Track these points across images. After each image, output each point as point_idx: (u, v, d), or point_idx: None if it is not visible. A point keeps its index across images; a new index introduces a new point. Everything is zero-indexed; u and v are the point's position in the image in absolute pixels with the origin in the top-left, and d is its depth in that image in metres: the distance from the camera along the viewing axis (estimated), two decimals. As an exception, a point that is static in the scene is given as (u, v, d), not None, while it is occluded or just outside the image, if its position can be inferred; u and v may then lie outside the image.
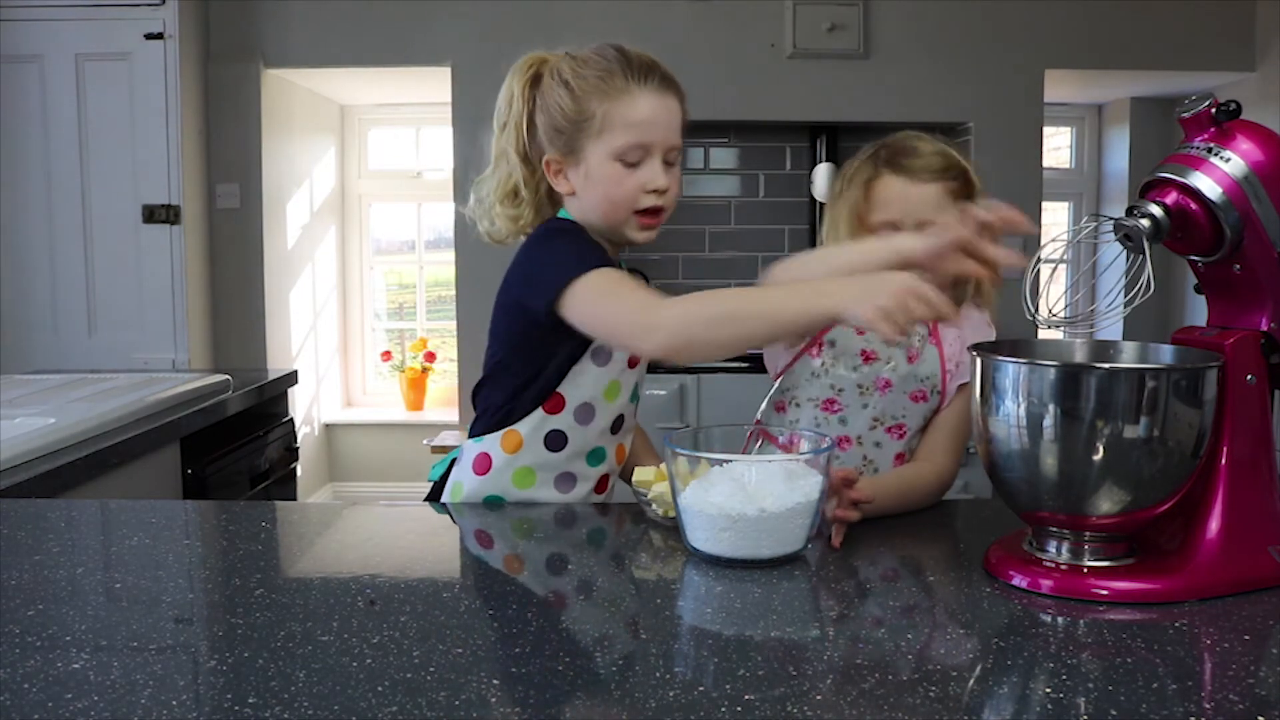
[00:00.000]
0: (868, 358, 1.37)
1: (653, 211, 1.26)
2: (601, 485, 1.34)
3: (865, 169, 1.39)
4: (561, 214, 1.31)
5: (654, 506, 1.16)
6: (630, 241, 1.29)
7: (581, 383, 1.27)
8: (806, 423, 1.38)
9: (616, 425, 1.32)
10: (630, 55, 1.25)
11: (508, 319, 1.28)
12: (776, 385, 1.45)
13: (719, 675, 0.77)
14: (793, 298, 1.09)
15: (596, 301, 1.16)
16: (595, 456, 1.31)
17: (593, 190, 1.25)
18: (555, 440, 1.28)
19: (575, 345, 1.24)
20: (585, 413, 1.28)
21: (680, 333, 1.10)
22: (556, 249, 1.23)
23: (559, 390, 1.26)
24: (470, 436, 1.33)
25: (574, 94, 1.23)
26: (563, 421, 1.27)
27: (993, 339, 1.38)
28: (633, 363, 1.30)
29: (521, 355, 1.27)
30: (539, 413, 1.27)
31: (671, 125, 1.25)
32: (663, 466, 1.14)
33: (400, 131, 4.44)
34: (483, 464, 1.31)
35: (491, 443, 1.29)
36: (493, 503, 1.30)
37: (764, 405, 1.48)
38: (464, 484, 1.32)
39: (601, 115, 1.22)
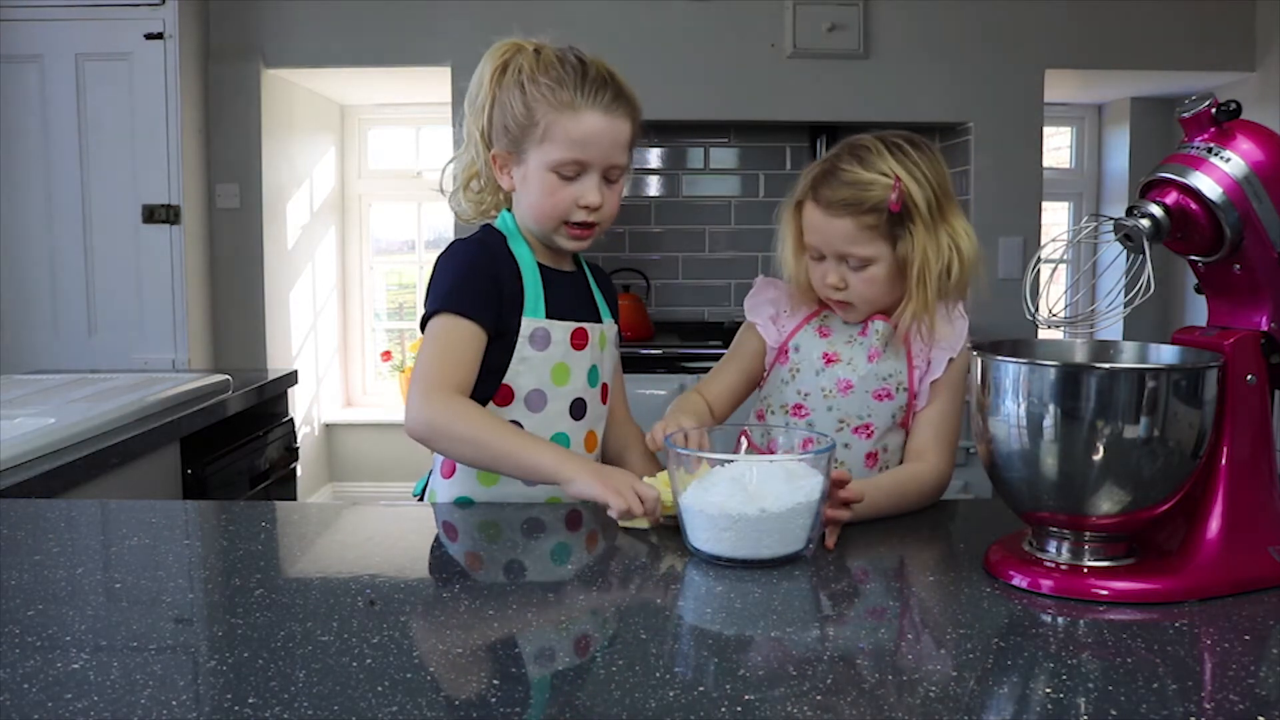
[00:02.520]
0: (829, 360, 1.37)
1: (584, 225, 1.28)
2: None
3: (801, 186, 1.36)
4: (503, 213, 1.35)
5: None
6: (560, 248, 1.33)
7: (524, 370, 1.28)
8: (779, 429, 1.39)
9: (578, 410, 1.32)
10: (588, 67, 1.27)
11: None
12: (757, 393, 1.46)
13: (719, 675, 0.77)
14: (539, 454, 1.19)
15: (424, 345, 1.26)
16: (558, 444, 1.31)
17: (527, 194, 1.29)
18: None
19: (502, 343, 1.27)
20: (536, 399, 1.29)
21: (425, 430, 1.21)
22: (443, 275, 1.28)
23: (505, 381, 1.28)
24: None
25: (525, 97, 1.26)
26: (515, 412, 1.29)
27: (964, 328, 1.38)
28: (578, 345, 1.31)
29: None
30: (490, 407, 1.28)
31: (615, 145, 1.27)
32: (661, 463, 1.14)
33: (400, 131, 4.44)
34: (449, 467, 1.32)
35: None
36: (462, 504, 1.31)
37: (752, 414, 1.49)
38: (436, 490, 1.34)
39: (545, 125, 1.25)
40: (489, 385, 1.28)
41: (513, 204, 1.35)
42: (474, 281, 1.26)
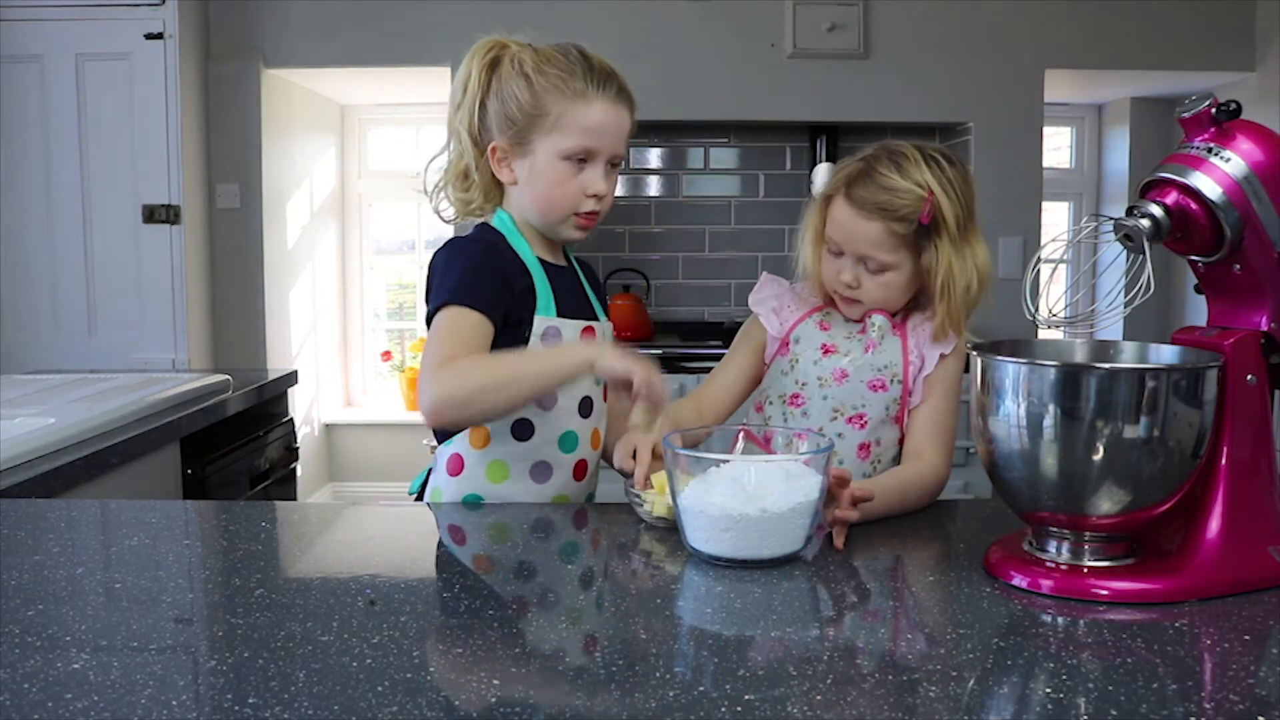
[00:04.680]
0: (827, 350, 1.40)
1: (590, 214, 1.30)
2: (580, 472, 1.34)
3: (834, 180, 1.38)
4: (499, 213, 1.33)
5: (645, 505, 1.16)
6: (564, 239, 1.34)
7: None
8: (776, 418, 1.41)
9: (585, 408, 1.33)
10: (592, 60, 1.29)
11: None
12: (759, 387, 1.48)
13: (719, 675, 0.77)
14: (564, 359, 1.20)
15: (431, 336, 1.23)
16: (567, 442, 1.32)
17: (535, 185, 1.29)
18: (522, 428, 1.29)
19: (515, 334, 1.27)
20: (548, 397, 1.29)
21: (446, 401, 1.18)
22: (447, 270, 1.26)
23: None
24: (441, 442, 1.34)
25: (533, 88, 1.26)
26: (526, 409, 1.28)
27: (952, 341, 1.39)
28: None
29: None
30: None
31: (620, 135, 1.30)
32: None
33: (400, 131, 4.44)
34: (455, 465, 1.32)
35: (461, 442, 1.31)
36: (471, 503, 1.30)
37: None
38: (441, 488, 1.33)
39: (556, 114, 1.26)
40: None
41: (508, 200, 1.34)
42: (482, 276, 1.25)
